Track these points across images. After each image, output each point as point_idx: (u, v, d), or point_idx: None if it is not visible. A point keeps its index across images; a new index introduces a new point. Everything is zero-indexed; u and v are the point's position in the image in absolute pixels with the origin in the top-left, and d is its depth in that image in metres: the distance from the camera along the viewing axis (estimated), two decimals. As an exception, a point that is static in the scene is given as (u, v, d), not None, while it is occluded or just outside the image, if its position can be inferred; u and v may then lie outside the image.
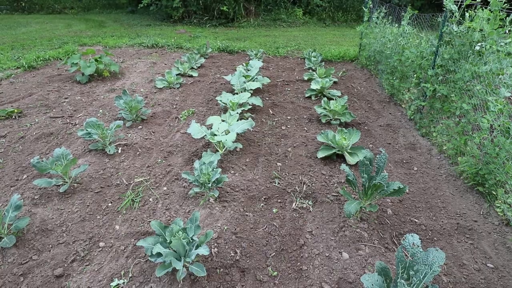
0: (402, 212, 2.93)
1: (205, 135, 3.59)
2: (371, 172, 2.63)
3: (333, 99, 5.08)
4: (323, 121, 4.66)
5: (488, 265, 2.41)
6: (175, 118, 4.71)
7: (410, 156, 3.86)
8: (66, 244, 2.49)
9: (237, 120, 3.95)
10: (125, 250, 2.43)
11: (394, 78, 5.53)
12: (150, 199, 2.99)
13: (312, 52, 7.96)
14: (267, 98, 5.60)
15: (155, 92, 5.71)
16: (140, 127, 4.37)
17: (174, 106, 5.13)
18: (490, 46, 3.34)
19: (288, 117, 4.87)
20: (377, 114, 5.07)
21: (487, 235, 2.69)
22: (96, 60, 6.20)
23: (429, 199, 3.11)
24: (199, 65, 7.37)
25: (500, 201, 2.90)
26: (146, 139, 4.07)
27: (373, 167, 2.67)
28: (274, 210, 2.90)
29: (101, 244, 2.49)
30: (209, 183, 2.91)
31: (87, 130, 3.57)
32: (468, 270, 2.35)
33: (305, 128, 4.52)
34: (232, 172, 3.44)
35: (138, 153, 3.76)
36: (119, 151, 3.76)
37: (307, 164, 3.63)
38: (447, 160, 3.74)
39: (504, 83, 3.12)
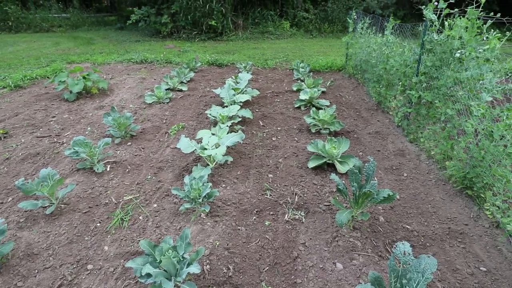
0: (394, 219, 2.93)
1: (195, 149, 3.57)
2: (360, 180, 2.64)
3: (322, 109, 5.13)
4: (313, 130, 4.69)
5: (481, 268, 2.41)
6: (165, 133, 4.68)
7: (400, 162, 3.90)
8: (52, 269, 2.41)
9: (227, 133, 3.95)
10: (114, 272, 2.37)
11: (381, 86, 5.64)
12: (140, 217, 2.94)
13: (300, 63, 8.08)
14: (257, 110, 5.63)
15: (144, 108, 5.69)
16: (130, 143, 4.33)
17: (164, 121, 5.11)
18: (469, 53, 3.44)
19: (278, 128, 4.89)
20: (366, 122, 5.13)
21: (479, 238, 2.71)
22: (84, 77, 6.18)
23: (420, 205, 3.13)
24: (189, 79, 7.39)
25: (489, 204, 2.94)
26: (135, 155, 4.03)
27: (362, 176, 2.68)
28: (266, 223, 2.87)
29: (89, 266, 2.42)
30: (199, 198, 2.87)
31: (74, 149, 3.52)
32: (461, 275, 2.35)
33: (296, 139, 4.55)
34: (223, 185, 3.42)
35: (127, 170, 3.71)
36: (108, 169, 3.70)
37: (298, 175, 3.63)
38: (436, 165, 3.79)
39: (485, 88, 3.20)
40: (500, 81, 3.26)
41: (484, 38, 3.45)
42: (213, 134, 3.93)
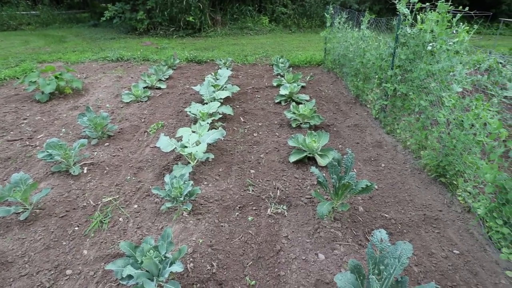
0: (373, 208, 3.02)
1: (175, 147, 3.52)
2: (340, 172, 2.70)
3: (302, 103, 5.18)
4: (294, 125, 4.74)
5: (454, 251, 2.53)
6: (144, 133, 4.59)
7: (378, 154, 4.01)
8: (29, 276, 2.32)
9: (208, 130, 3.92)
10: (94, 276, 2.31)
11: (358, 80, 5.76)
12: (120, 219, 2.87)
13: (280, 59, 8.11)
14: (237, 106, 5.61)
15: (121, 107, 5.54)
16: (107, 144, 4.22)
17: (143, 120, 5.00)
18: (440, 46, 3.57)
19: (259, 124, 4.90)
20: (345, 115, 5.24)
21: (452, 223, 2.84)
22: (56, 77, 5.93)
23: (397, 194, 3.23)
24: (167, 76, 7.27)
25: (460, 190, 3.08)
26: (113, 156, 3.93)
27: (341, 168, 2.74)
28: (249, 218, 2.89)
29: (68, 271, 2.35)
30: (181, 197, 2.84)
31: (47, 152, 3.39)
32: (436, 259, 2.46)
33: (277, 134, 4.57)
34: (205, 183, 3.40)
35: (105, 171, 3.61)
36: (85, 171, 3.59)
37: (280, 169, 3.66)
38: (411, 155, 3.92)
39: (455, 79, 3.34)
40: (469, 72, 3.41)
41: (454, 31, 3.58)
42: (193, 132, 3.89)
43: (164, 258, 2.10)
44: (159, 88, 6.56)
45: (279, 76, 7.34)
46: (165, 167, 3.67)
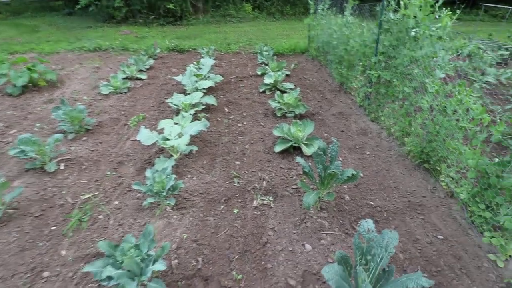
0: (358, 196, 3.02)
1: (157, 140, 3.39)
2: (325, 161, 2.66)
3: (286, 92, 5.11)
4: (279, 114, 4.67)
5: (438, 237, 2.57)
6: (124, 125, 4.42)
7: (362, 141, 4.01)
8: (3, 280, 2.19)
9: (191, 122, 3.80)
10: (73, 277, 2.21)
11: (342, 67, 5.72)
12: (100, 216, 2.76)
13: (263, 47, 7.97)
14: (221, 96, 5.48)
15: (100, 99, 5.31)
16: (85, 138, 4.03)
17: (123, 113, 4.81)
18: (423, 32, 3.54)
19: (244, 114, 4.81)
20: (330, 104, 5.20)
21: (435, 208, 2.87)
22: (29, 69, 5.60)
23: (382, 181, 3.25)
24: (148, 67, 7.01)
25: (444, 175, 3.11)
26: (92, 151, 3.76)
27: (327, 157, 2.70)
28: (235, 211, 2.83)
29: (45, 274, 2.24)
30: (164, 192, 2.75)
31: (20, 148, 3.20)
32: (421, 245, 2.48)
33: (262, 123, 4.50)
34: (189, 176, 3.30)
35: (83, 167, 3.45)
36: (62, 167, 3.42)
37: (265, 160, 3.60)
38: (396, 142, 3.94)
39: (438, 65, 3.33)
40: (451, 58, 3.41)
41: (437, 16, 3.56)
42: (175, 124, 3.76)
43: (146, 257, 2.02)
44: (140, 79, 6.33)
45: (263, 65, 7.21)
46: (147, 161, 3.55)
